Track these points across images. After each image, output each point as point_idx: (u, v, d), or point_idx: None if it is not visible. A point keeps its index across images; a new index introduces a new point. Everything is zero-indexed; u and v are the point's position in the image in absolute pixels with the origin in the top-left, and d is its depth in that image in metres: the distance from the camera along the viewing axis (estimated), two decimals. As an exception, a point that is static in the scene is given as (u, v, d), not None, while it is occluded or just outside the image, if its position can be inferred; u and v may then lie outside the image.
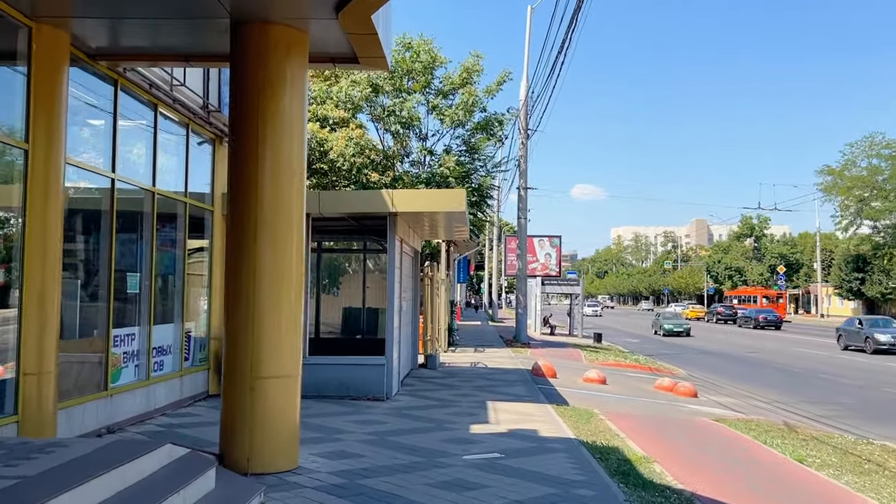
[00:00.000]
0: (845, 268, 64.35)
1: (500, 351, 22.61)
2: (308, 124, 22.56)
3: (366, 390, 11.31)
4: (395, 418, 9.74)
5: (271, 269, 6.53)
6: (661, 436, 10.18)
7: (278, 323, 6.56)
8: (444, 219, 13.12)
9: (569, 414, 10.90)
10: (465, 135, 25.22)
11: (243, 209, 6.54)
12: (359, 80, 23.17)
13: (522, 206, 27.79)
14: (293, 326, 6.68)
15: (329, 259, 17.38)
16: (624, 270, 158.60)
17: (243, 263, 6.51)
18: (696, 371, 22.60)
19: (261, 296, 6.47)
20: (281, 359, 6.57)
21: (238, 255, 6.56)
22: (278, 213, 6.57)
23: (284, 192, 6.58)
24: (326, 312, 16.40)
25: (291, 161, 6.68)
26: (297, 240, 6.70)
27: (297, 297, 6.68)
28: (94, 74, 7.83)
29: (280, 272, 6.57)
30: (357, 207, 11.35)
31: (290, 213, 6.66)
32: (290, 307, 6.66)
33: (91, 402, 7.73)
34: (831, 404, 16.04)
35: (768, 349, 32.13)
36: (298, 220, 6.77)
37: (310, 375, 11.29)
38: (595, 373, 16.13)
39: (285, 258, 6.62)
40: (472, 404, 11.28)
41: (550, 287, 37.29)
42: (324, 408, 10.38)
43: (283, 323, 6.58)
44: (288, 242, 6.64)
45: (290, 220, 6.65)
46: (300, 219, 6.79)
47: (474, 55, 24.71)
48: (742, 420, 11.98)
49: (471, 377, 15.08)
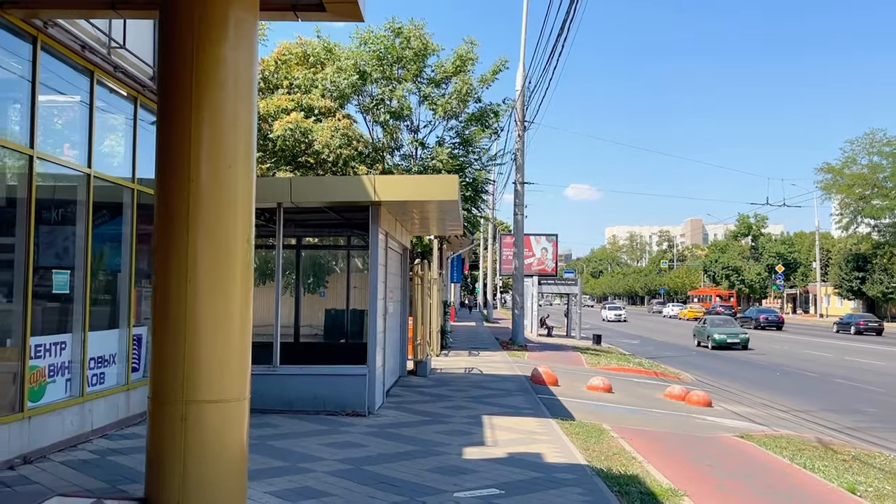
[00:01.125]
0: (845, 267, 63.21)
1: (496, 354, 21.25)
2: (292, 114, 21.54)
3: (345, 404, 9.94)
4: (376, 439, 8.37)
5: (210, 268, 5.15)
6: (684, 458, 8.84)
7: (220, 334, 5.19)
8: (434, 210, 11.75)
9: (576, 431, 9.56)
10: (458, 126, 23.80)
11: (173, 192, 5.16)
12: (345, 67, 21.77)
13: (519, 202, 26.43)
14: (239, 338, 5.30)
15: (313, 256, 15.98)
16: (619, 270, 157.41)
17: (173, 261, 5.12)
18: (704, 376, 21.30)
19: (197, 301, 5.09)
20: (223, 379, 5.19)
21: (167, 251, 5.17)
22: (219, 198, 5.19)
23: (227, 170, 5.21)
24: (311, 315, 15.02)
25: (237, 131, 5.30)
26: (243, 232, 5.32)
27: (244, 303, 5.31)
28: (5, 28, 6.44)
29: (222, 272, 5.20)
30: (333, 195, 9.93)
31: (235, 198, 5.28)
32: (235, 315, 5.28)
33: (1, 427, 6.34)
34: (855, 413, 14.75)
35: (775, 351, 30.85)
36: (246, 208, 5.40)
37: (280, 388, 9.95)
38: (600, 380, 14.79)
39: (229, 255, 5.24)
40: (466, 420, 9.92)
41: (547, 287, 35.97)
42: (294, 426, 9.00)
43: (225, 334, 5.21)
44: (231, 235, 5.26)
45: (233, 207, 5.27)
46: (248, 205, 5.41)
47: (468, 42, 23.30)
48: (769, 436, 10.65)
49: (465, 386, 13.72)
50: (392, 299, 13.03)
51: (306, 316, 14.78)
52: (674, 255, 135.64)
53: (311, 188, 10.11)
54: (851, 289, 62.70)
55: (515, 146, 26.25)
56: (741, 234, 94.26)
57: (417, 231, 16.61)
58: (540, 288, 35.10)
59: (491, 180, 27.33)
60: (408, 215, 12.55)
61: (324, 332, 14.85)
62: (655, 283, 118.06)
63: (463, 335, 30.04)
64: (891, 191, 59.27)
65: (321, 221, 13.29)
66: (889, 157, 59.01)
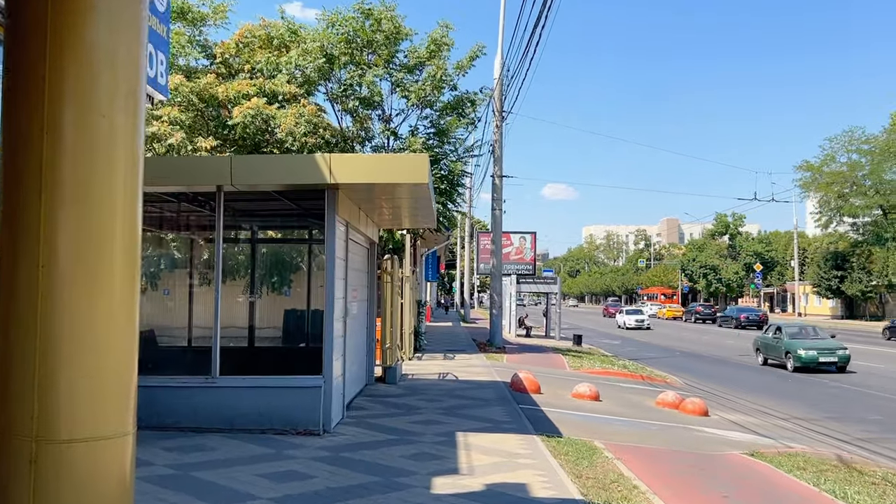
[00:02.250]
0: (824, 266, 62.77)
1: (473, 357, 19.88)
2: (253, 99, 20.00)
3: (296, 421, 8.49)
4: (327, 467, 6.94)
5: (76, 252, 3.67)
6: (693, 485, 7.54)
7: (90, 347, 3.72)
8: (405, 198, 10.35)
9: (564, 451, 8.23)
10: (433, 116, 22.42)
11: (21, 146, 3.70)
12: (311, 50, 20.28)
13: (497, 197, 25.09)
14: (120, 352, 3.84)
15: (274, 251, 14.46)
16: (597, 269, 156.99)
17: (21, 241, 3.66)
18: (693, 379, 20.14)
19: (55, 300, 3.61)
20: (95, 408, 3.72)
21: (12, 227, 3.71)
22: (90, 158, 3.71)
23: (100, 121, 3.74)
24: (272, 316, 13.52)
25: (115, 70, 3.82)
26: (126, 206, 3.85)
27: (127, 303, 3.85)
28: None
29: (95, 259, 3.72)
30: (282, 177, 8.44)
31: (113, 159, 3.79)
32: (116, 319, 3.81)
33: None
34: (861, 422, 13.62)
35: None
36: (132, 174, 3.92)
37: (220, 402, 8.50)
38: (586, 387, 13.48)
39: (104, 235, 3.77)
40: (438, 438, 8.54)
41: (526, 286, 34.72)
42: (231, 449, 7.55)
43: (99, 347, 3.74)
44: (108, 208, 3.77)
45: (111, 171, 3.78)
46: (134, 171, 3.93)
47: (443, 25, 21.87)
48: (782, 453, 9.39)
49: (438, 395, 12.33)
50: (356, 299, 11.61)
51: (266, 317, 13.30)
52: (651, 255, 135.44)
53: (255, 168, 8.61)
54: (830, 287, 62.30)
55: (493, 137, 24.93)
56: (719, 232, 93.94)
57: (387, 224, 15.19)
58: (519, 287, 33.84)
59: (468, 173, 25.93)
60: (374, 204, 11.14)
61: (283, 336, 13.37)
62: (633, 283, 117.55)
63: (439, 336, 28.65)
64: (869, 189, 58.92)
65: (276, 211, 11.85)
66: (868, 154, 58.64)
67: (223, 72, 21.57)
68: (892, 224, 56.24)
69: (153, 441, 7.83)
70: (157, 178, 8.51)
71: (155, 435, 8.09)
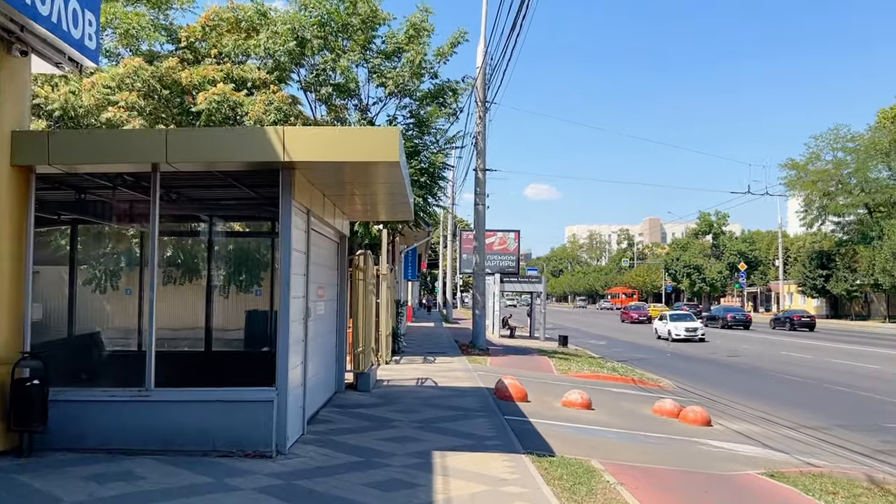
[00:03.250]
0: (809, 265, 62.23)
1: (455, 361, 18.66)
2: (219, 85, 18.63)
3: (244, 441, 7.23)
4: (274, 502, 5.69)
5: None
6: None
7: None
8: (375, 182, 9.08)
9: (558, 473, 7.06)
10: (412, 105, 21.19)
11: None
12: (281, 32, 18.98)
13: (480, 191, 23.89)
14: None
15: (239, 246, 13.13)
16: (580, 269, 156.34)
17: None
18: (685, 382, 19.07)
19: None
20: None
21: None
22: None
23: None
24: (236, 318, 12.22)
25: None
26: None
27: None
28: None
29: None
30: (225, 153, 7.13)
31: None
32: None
33: None
34: (876, 431, 12.56)
35: (749, 352, 28.95)
36: None
37: (154, 419, 7.22)
38: (577, 394, 12.31)
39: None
40: (411, 460, 7.32)
41: (510, 285, 33.55)
42: (161, 477, 6.27)
43: None
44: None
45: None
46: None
47: (423, 9, 20.59)
48: (806, 474, 8.26)
49: (415, 404, 11.11)
50: (323, 298, 10.36)
51: (232, 320, 12.03)
52: (634, 254, 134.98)
53: (194, 143, 7.29)
54: (815, 286, 61.78)
55: (476, 129, 23.71)
56: (702, 231, 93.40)
57: (360, 216, 13.93)
58: (502, 286, 32.68)
59: (449, 166, 24.66)
60: (342, 191, 9.88)
61: (245, 340, 12.08)
62: (616, 282, 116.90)
63: (419, 338, 27.42)
64: (855, 187, 58.43)
65: (233, 199, 10.55)
66: (853, 152, 58.15)
67: (189, 57, 20.20)
68: (877, 223, 55.73)
69: (71, 467, 6.55)
70: (80, 158, 7.22)
71: (76, 459, 6.82)
